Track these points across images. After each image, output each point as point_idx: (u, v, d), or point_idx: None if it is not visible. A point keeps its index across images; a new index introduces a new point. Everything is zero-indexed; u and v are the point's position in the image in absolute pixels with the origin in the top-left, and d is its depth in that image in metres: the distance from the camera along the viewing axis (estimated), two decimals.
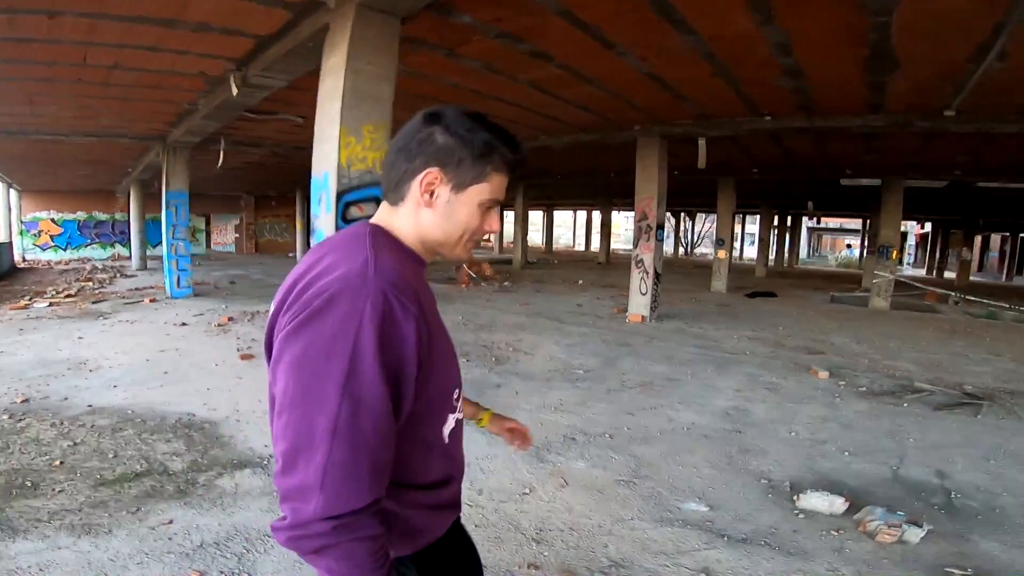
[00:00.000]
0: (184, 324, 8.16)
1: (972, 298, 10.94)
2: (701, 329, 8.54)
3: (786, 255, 27.75)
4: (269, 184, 22.07)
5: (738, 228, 37.23)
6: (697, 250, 35.70)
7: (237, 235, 26.31)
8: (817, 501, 2.96)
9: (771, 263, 23.73)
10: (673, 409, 4.74)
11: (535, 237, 35.58)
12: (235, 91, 6.13)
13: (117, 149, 11.85)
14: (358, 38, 3.97)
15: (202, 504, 2.93)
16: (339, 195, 4.09)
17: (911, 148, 9.31)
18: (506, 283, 14.16)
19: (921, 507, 3.02)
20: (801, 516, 2.93)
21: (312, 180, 4.38)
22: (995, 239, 28.04)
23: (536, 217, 34.84)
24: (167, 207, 10.96)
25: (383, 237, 0.91)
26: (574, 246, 41.75)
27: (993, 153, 9.09)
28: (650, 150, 9.08)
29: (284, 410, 0.76)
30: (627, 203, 26.02)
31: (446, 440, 0.95)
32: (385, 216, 0.96)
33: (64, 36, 5.05)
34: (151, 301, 10.31)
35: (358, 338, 0.74)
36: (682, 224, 34.50)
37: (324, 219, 4.24)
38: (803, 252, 39.39)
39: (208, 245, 26.16)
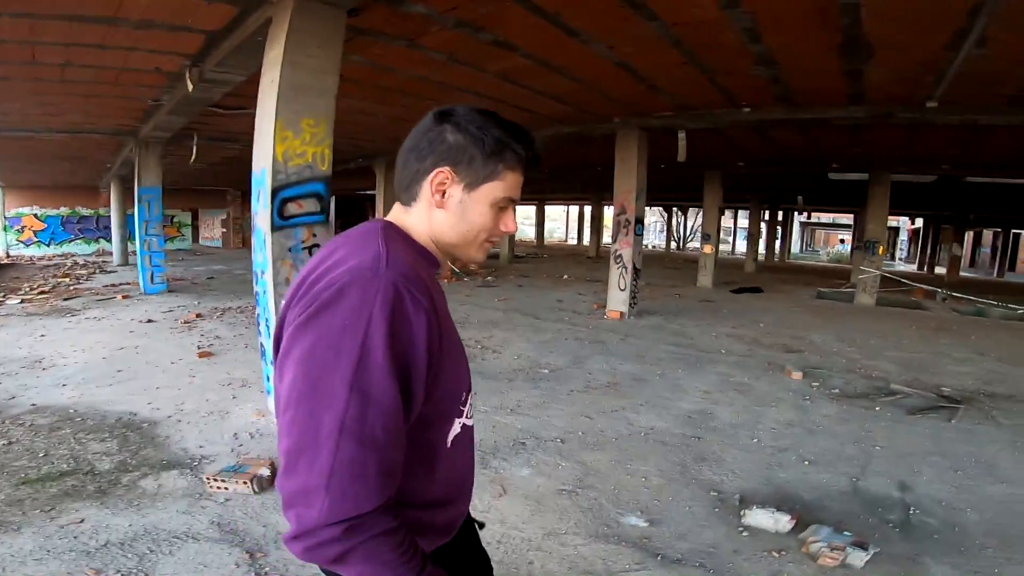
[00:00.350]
0: (151, 321, 7.96)
1: (960, 295, 10.74)
2: (680, 326, 8.34)
3: (777, 250, 27.55)
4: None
5: (730, 223, 37.08)
6: (690, 245, 35.45)
7: (224, 230, 26.02)
8: (763, 518, 2.77)
9: (762, 258, 23.55)
10: (635, 412, 4.54)
11: (528, 231, 35.44)
12: (191, 87, 6.06)
13: (92, 145, 11.71)
14: (297, 30, 3.82)
15: (118, 504, 2.88)
16: (274, 191, 3.92)
17: (897, 141, 9.10)
18: (489, 277, 13.95)
19: (874, 524, 2.82)
20: (745, 534, 2.73)
21: (252, 176, 4.20)
22: (987, 235, 27.88)
23: (530, 211, 34.69)
24: (139, 203, 10.74)
25: (395, 232, 0.90)
26: (567, 240, 41.56)
27: (981, 147, 8.88)
28: (629, 142, 8.86)
29: (290, 406, 0.73)
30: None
31: (448, 445, 0.90)
32: (398, 215, 0.95)
33: (5, 35, 4.97)
34: (124, 298, 10.11)
35: (368, 330, 0.72)
36: (674, 219, 34.25)
37: (261, 215, 4.07)
38: (796, 247, 39.24)
39: (195, 240, 25.93)
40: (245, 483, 3.06)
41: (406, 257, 0.83)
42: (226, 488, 3.05)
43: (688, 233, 36.14)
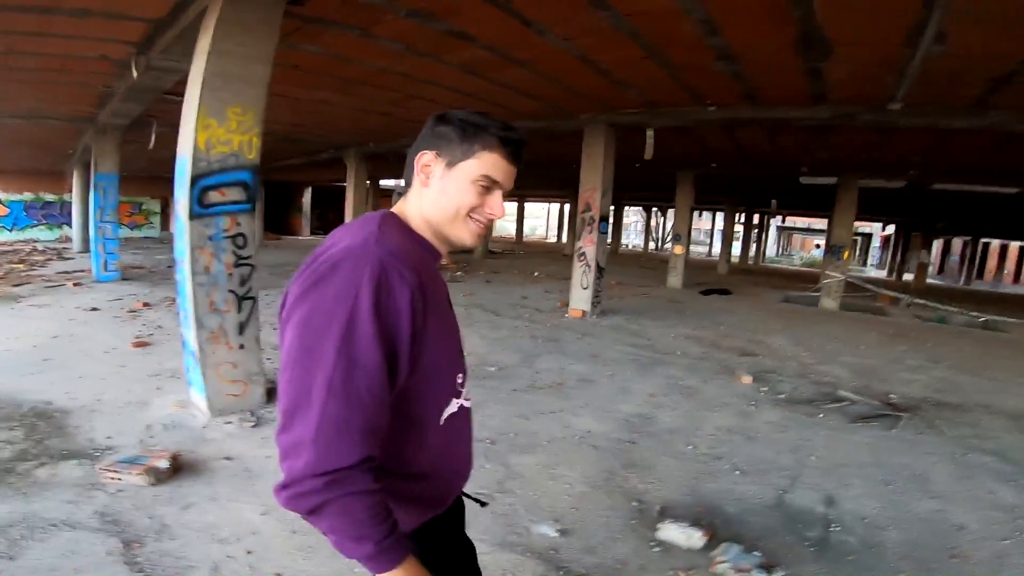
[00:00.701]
0: (95, 309, 7.67)
1: (922, 301, 10.81)
2: (640, 326, 8.25)
3: (752, 253, 27.73)
4: None
5: (708, 225, 37.31)
6: (667, 245, 35.58)
7: None
8: (676, 533, 2.64)
9: (737, 260, 23.66)
10: (574, 414, 4.41)
11: (510, 228, 35.30)
12: (136, 74, 6.02)
13: (52, 131, 11.46)
14: (227, 20, 3.75)
15: (6, 492, 2.81)
16: (194, 179, 3.80)
17: (863, 145, 9.09)
18: (459, 273, 13.77)
19: (790, 543, 2.71)
20: (656, 549, 2.60)
21: (176, 162, 4.01)
22: (957, 243, 28.38)
23: (511, 208, 34.51)
24: (95, 189, 10.42)
25: (393, 220, 0.98)
26: (547, 238, 41.52)
27: (946, 152, 8.89)
28: (596, 138, 8.73)
29: (287, 367, 0.80)
30: None
31: (442, 423, 0.96)
32: (399, 205, 1.04)
33: None
34: (75, 285, 9.78)
35: (356, 301, 0.79)
36: (653, 219, 34.31)
37: (180, 203, 3.91)
38: (772, 251, 39.64)
39: (166, 228, 25.32)
40: (140, 474, 2.93)
41: (398, 239, 0.91)
42: (119, 479, 2.93)
43: (666, 234, 36.26)
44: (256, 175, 4.10)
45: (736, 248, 26.81)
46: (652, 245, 34.48)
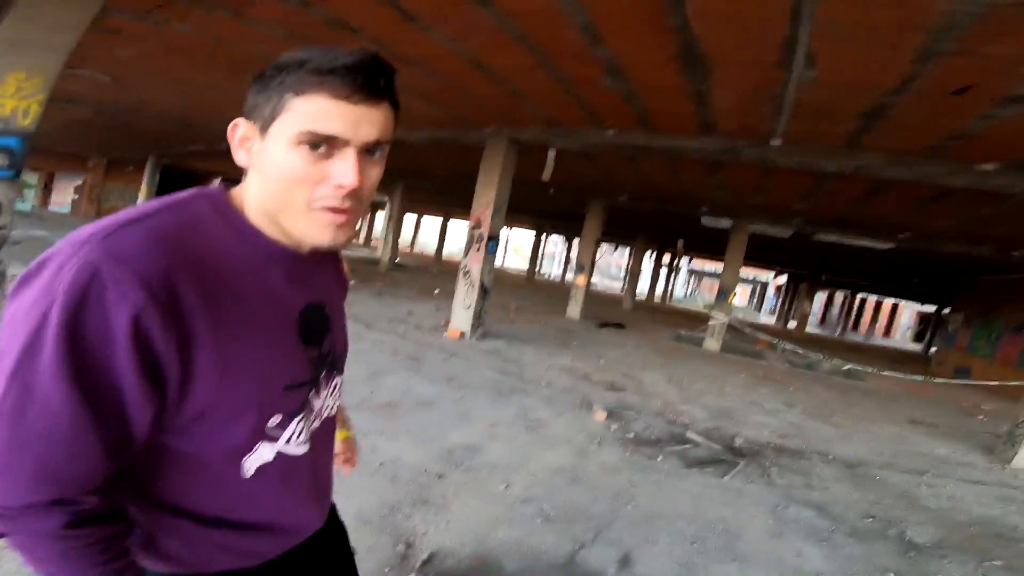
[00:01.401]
0: None
1: (790, 347, 11.28)
2: (518, 352, 7.93)
3: (659, 291, 28.64)
4: (125, 147, 19.84)
5: (624, 260, 38.36)
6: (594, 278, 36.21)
7: (76, 196, 23.13)
8: None
9: (643, 298, 24.25)
10: (391, 437, 3.92)
11: (432, 244, 34.69)
12: None
13: None
14: None
15: None
16: None
17: (750, 186, 9.39)
18: (352, 282, 13.01)
19: None
20: None
21: None
22: (839, 296, 30.76)
23: (435, 224, 33.84)
24: None
25: (207, 208, 0.72)
26: None
27: (823, 199, 9.31)
28: (496, 153, 8.45)
29: None
30: (519, 218, 25.78)
31: (247, 474, 0.75)
32: (241, 185, 0.77)
33: None
34: None
35: (44, 317, 0.59)
36: (574, 250, 34.86)
37: None
38: (681, 291, 41.37)
39: (44, 204, 22.87)
40: None
41: (168, 235, 0.64)
42: None
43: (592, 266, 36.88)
44: (26, 142, 3.84)
45: (644, 285, 27.60)
46: (570, 275, 34.93)
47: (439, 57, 5.74)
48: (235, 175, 0.73)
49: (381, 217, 29.05)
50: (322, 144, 0.67)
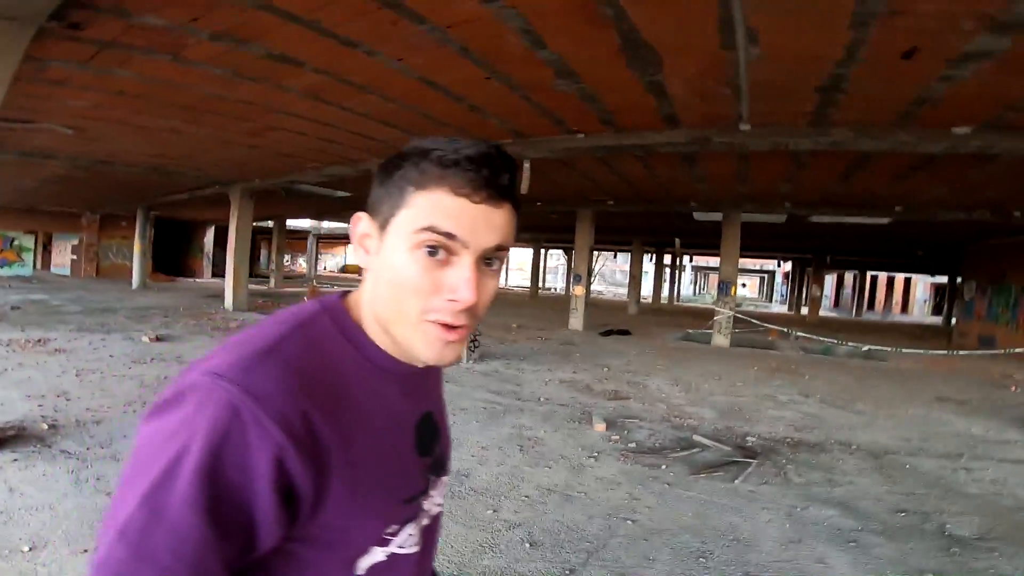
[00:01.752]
0: None
1: (808, 335, 10.89)
2: (517, 371, 7.64)
3: (665, 292, 28.24)
4: (110, 201, 19.98)
5: (627, 266, 38.03)
6: (594, 287, 35.92)
7: (74, 257, 23.28)
8: None
9: (649, 300, 23.88)
10: None
11: None
12: None
13: None
14: None
15: None
16: None
17: (731, 176, 9.15)
18: None
19: None
20: None
21: None
22: (849, 277, 30.17)
23: None
24: None
25: (329, 324, 0.68)
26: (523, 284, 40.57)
27: (805, 179, 9.05)
28: None
29: (116, 487, 0.63)
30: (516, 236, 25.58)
31: (358, 572, 0.72)
32: (357, 292, 0.73)
33: None
34: None
35: (183, 450, 0.58)
36: (573, 261, 34.57)
37: None
38: (688, 290, 40.90)
39: (45, 267, 23.05)
40: None
41: (297, 367, 0.62)
42: None
43: (593, 275, 36.60)
44: None
45: (649, 288, 27.25)
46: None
47: (388, 79, 5.64)
48: (224, 222, 0.54)
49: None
50: (440, 249, 0.62)
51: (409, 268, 0.62)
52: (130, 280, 19.80)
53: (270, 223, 24.86)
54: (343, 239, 39.22)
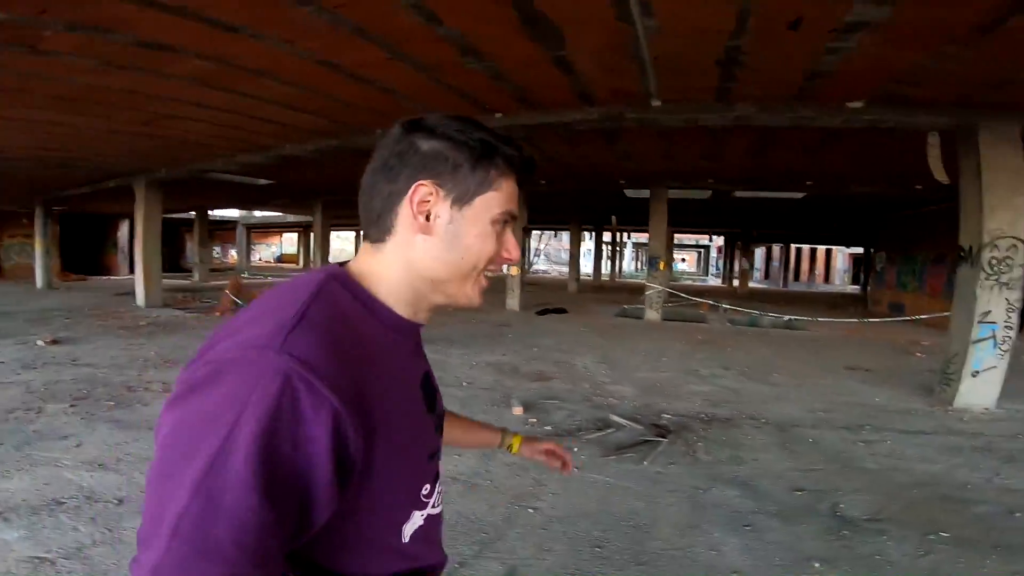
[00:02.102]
0: None
1: (734, 307, 11.24)
2: (444, 356, 7.46)
3: (607, 269, 28.67)
4: (10, 199, 18.35)
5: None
6: (535, 267, 36.03)
7: None
8: None
9: (590, 278, 24.16)
10: None
11: None
12: None
13: None
14: None
15: None
16: None
17: (654, 153, 9.22)
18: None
19: None
20: None
21: None
22: (776, 250, 31.56)
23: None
24: None
25: (341, 290, 0.70)
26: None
27: (723, 155, 9.23)
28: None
29: (148, 485, 0.60)
30: None
31: (405, 539, 0.76)
32: (364, 260, 0.75)
33: None
34: None
35: (233, 430, 0.55)
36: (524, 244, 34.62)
37: None
38: (630, 266, 41.73)
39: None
40: None
41: (327, 333, 0.62)
42: None
43: (533, 255, 36.71)
44: None
45: (590, 266, 27.58)
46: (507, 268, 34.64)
47: (282, 63, 5.31)
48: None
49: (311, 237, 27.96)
50: (508, 222, 0.76)
51: (491, 236, 0.73)
52: (35, 281, 18.33)
53: (192, 214, 23.52)
54: (278, 228, 37.76)
